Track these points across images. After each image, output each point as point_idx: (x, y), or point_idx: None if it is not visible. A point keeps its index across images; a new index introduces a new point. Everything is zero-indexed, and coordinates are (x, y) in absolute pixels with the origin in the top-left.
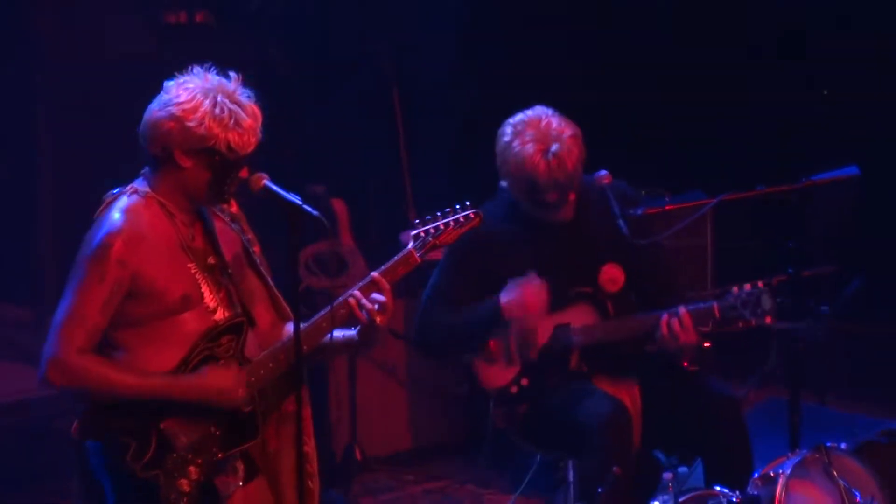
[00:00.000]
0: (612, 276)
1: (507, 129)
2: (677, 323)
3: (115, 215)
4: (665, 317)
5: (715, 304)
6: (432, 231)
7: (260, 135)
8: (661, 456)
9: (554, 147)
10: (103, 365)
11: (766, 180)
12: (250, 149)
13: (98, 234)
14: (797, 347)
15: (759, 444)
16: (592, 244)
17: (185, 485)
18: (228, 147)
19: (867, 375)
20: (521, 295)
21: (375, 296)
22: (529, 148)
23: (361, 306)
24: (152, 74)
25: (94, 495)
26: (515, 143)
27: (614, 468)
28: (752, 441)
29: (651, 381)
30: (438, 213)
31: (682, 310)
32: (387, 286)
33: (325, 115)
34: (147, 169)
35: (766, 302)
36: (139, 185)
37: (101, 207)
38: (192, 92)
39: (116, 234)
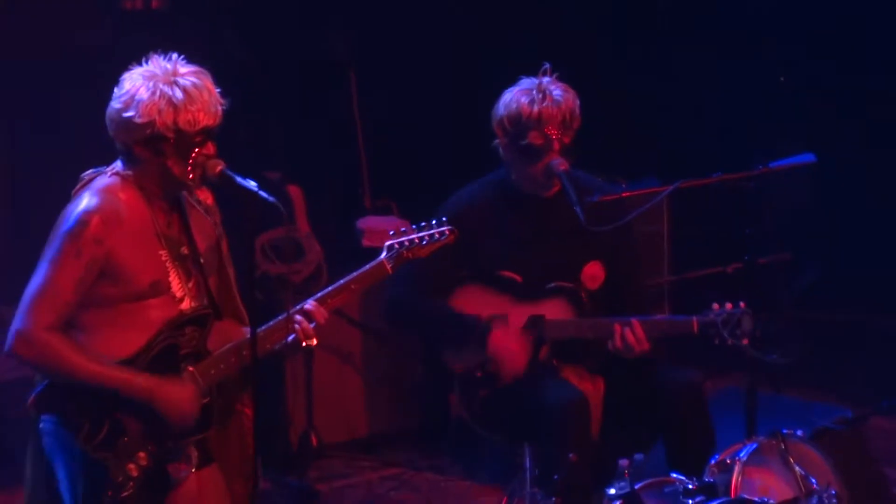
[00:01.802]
0: (593, 273)
1: (504, 93)
2: (630, 333)
3: (94, 193)
4: (616, 328)
5: (695, 320)
6: (406, 244)
7: (213, 108)
8: (618, 445)
9: (537, 93)
10: (68, 346)
11: (722, 167)
12: (201, 124)
13: (76, 210)
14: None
15: (717, 432)
16: (576, 235)
17: (133, 469)
18: (174, 129)
19: (823, 362)
20: (509, 348)
21: (307, 325)
22: (517, 89)
23: (302, 328)
24: (110, 63)
25: (45, 473)
26: (506, 95)
27: (570, 455)
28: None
29: (614, 369)
30: (414, 227)
31: (633, 320)
32: (324, 313)
33: (281, 101)
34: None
35: (747, 324)
36: (120, 166)
37: (80, 185)
38: (131, 81)
39: (94, 212)
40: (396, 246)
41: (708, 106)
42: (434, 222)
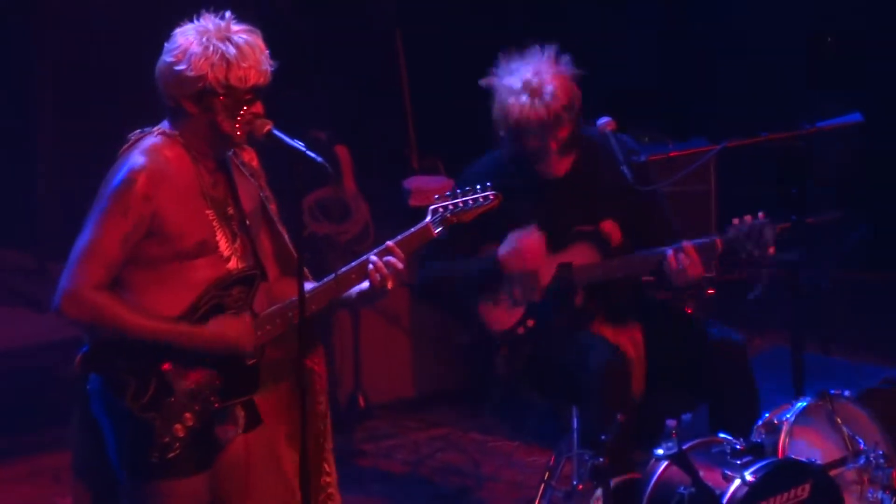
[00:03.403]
0: (609, 230)
1: (502, 76)
2: (684, 256)
3: (141, 153)
4: (671, 251)
5: (717, 238)
6: (451, 207)
7: (263, 67)
8: (665, 405)
9: (525, 97)
10: (118, 304)
11: (769, 127)
12: (251, 82)
13: (123, 169)
14: (800, 293)
15: (763, 392)
16: (592, 196)
17: (179, 430)
18: (225, 85)
19: (870, 323)
20: (519, 248)
21: (390, 259)
22: (510, 93)
23: (377, 269)
24: (161, 22)
25: (91, 434)
26: (503, 90)
27: (618, 415)
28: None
29: (654, 328)
30: (458, 191)
31: (685, 243)
32: (401, 254)
33: (328, 61)
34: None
35: (769, 232)
36: (166, 126)
37: (127, 146)
38: (184, 36)
39: (141, 170)
40: (441, 210)
41: (756, 64)
42: (479, 187)
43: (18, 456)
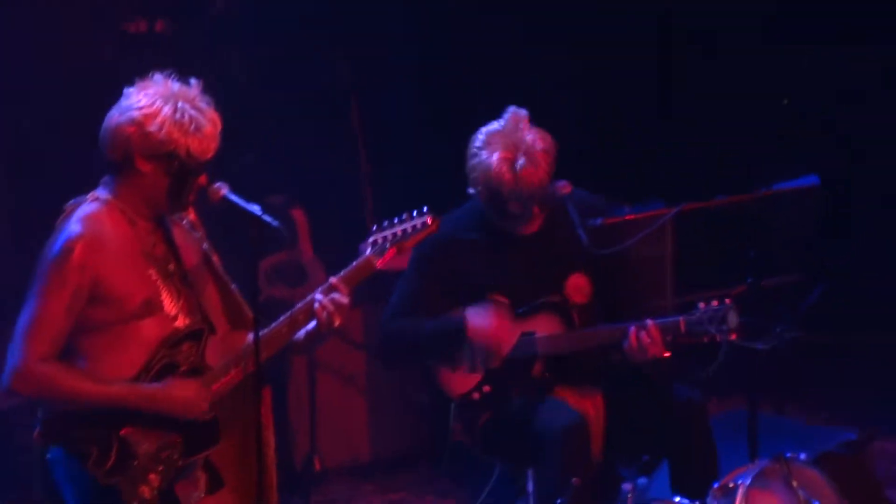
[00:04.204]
0: (578, 285)
1: (478, 138)
2: (646, 335)
3: (76, 221)
4: (633, 329)
5: (681, 319)
6: (390, 237)
7: (219, 141)
8: (621, 468)
9: (521, 161)
10: (68, 373)
11: (726, 190)
12: (209, 155)
13: (59, 240)
14: (755, 357)
15: (720, 454)
16: (559, 255)
17: (146, 492)
18: (188, 153)
19: (826, 385)
20: (488, 324)
21: (335, 296)
22: (497, 158)
23: (323, 307)
24: (112, 84)
25: (56, 502)
26: (484, 153)
27: (574, 479)
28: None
29: (615, 389)
30: (395, 220)
31: (649, 322)
32: (345, 289)
33: (285, 125)
34: (108, 177)
35: (732, 319)
36: (100, 192)
37: (63, 215)
38: (152, 97)
39: (77, 240)
40: (380, 240)
41: (713, 127)
42: (415, 213)
43: None
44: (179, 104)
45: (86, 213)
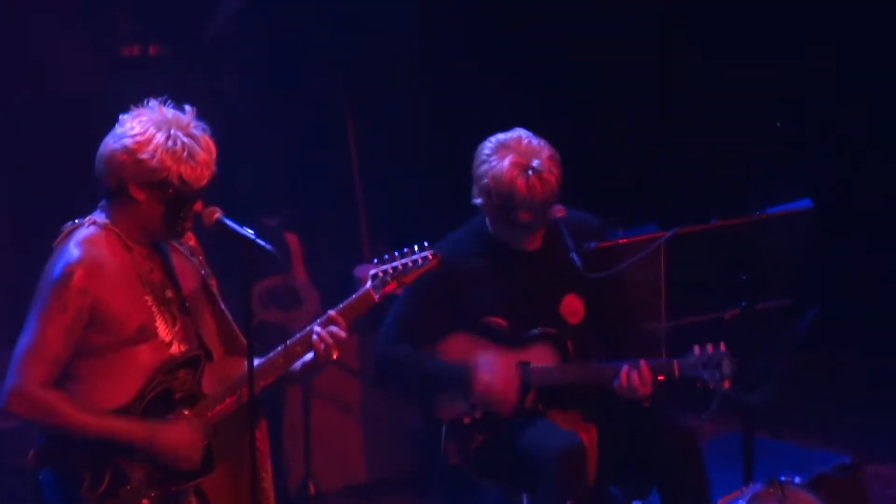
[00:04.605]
0: (573, 307)
1: (487, 146)
2: (637, 376)
3: (75, 245)
4: (625, 368)
5: (675, 363)
6: (390, 271)
7: (214, 168)
8: (616, 491)
9: (535, 163)
10: (65, 402)
11: (719, 213)
12: (204, 182)
13: (59, 263)
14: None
15: (714, 478)
16: (556, 275)
17: None
18: (182, 180)
19: (820, 408)
20: (496, 380)
21: (333, 329)
22: (508, 163)
23: (321, 339)
24: (106, 108)
25: None
26: (494, 159)
27: (568, 502)
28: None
29: (606, 417)
30: (396, 253)
31: (642, 363)
32: (343, 323)
33: (279, 148)
34: (104, 202)
35: (727, 367)
36: (98, 216)
37: (61, 237)
38: (145, 124)
39: (77, 264)
40: (381, 274)
41: (706, 150)
42: (416, 248)
43: None
44: (172, 131)
45: (84, 236)
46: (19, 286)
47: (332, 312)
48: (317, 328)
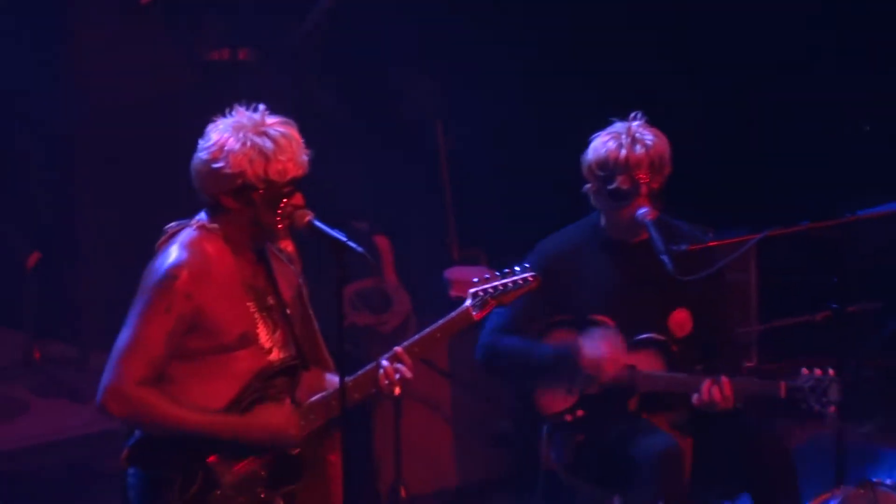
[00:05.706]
0: (680, 320)
1: (598, 134)
2: (718, 391)
3: (182, 247)
4: (707, 383)
5: (783, 384)
6: (490, 290)
7: (302, 158)
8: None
9: (630, 133)
10: (161, 399)
11: (810, 216)
12: (290, 175)
13: (164, 264)
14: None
15: (805, 480)
16: (666, 284)
17: None
18: (262, 179)
19: None
20: (601, 353)
21: (399, 367)
22: (604, 135)
23: (386, 374)
24: (196, 113)
25: None
26: (597, 135)
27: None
28: (799, 478)
29: (701, 421)
30: (497, 273)
31: (724, 379)
32: (409, 361)
33: (369, 151)
34: (205, 210)
35: (834, 392)
36: (203, 219)
37: (164, 238)
38: (219, 133)
39: (183, 266)
40: (481, 293)
41: (798, 153)
42: (518, 269)
43: None
44: (241, 134)
45: (191, 238)
46: (107, 288)
47: (398, 349)
48: (384, 362)
